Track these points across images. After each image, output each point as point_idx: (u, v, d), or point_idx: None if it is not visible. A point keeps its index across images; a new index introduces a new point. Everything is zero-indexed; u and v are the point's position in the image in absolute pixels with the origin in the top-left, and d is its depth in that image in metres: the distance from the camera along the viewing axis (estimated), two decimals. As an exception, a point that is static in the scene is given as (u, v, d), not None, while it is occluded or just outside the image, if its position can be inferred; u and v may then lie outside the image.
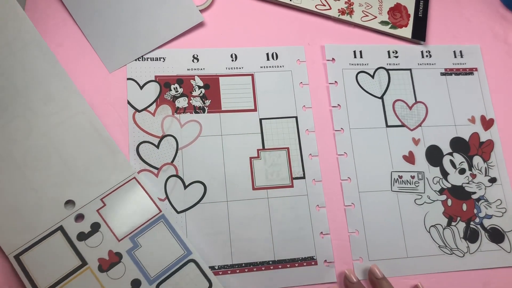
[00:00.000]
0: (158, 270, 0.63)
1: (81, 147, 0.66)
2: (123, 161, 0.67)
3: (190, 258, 0.64)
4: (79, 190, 0.65)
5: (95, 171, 0.66)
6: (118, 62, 0.73)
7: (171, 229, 0.65)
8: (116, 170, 0.67)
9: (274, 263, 0.67)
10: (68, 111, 0.67)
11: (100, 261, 0.63)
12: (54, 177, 0.65)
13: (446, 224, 0.73)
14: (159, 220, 0.65)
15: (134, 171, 0.67)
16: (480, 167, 0.76)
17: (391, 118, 0.77)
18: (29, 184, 0.64)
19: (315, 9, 0.79)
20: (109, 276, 0.62)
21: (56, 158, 0.65)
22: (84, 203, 0.65)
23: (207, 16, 0.77)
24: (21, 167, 0.64)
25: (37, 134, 0.65)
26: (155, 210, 0.66)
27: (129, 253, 0.63)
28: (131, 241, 0.64)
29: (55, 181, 0.64)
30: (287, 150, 0.73)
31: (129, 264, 0.63)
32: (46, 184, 0.64)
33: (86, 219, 0.64)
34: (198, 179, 0.69)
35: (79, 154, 0.66)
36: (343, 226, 0.71)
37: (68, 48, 0.72)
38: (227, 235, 0.68)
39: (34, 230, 0.63)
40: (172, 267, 0.64)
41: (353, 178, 0.73)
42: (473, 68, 0.82)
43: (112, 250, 0.63)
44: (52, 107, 0.66)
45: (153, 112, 0.71)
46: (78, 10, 0.73)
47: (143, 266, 0.63)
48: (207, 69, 0.74)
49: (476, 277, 0.71)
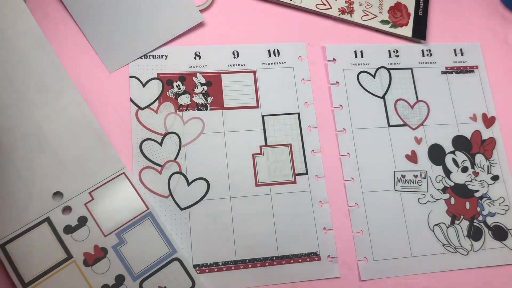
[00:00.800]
0: (143, 267, 0.63)
1: (72, 138, 0.66)
2: (113, 155, 0.67)
3: (175, 256, 0.64)
4: (68, 182, 0.65)
5: (85, 164, 0.66)
6: (118, 62, 0.73)
7: (158, 227, 0.65)
8: (106, 164, 0.66)
9: (278, 259, 0.67)
10: (61, 101, 0.66)
11: (86, 255, 0.63)
12: (44, 167, 0.64)
13: (450, 223, 0.73)
14: (146, 218, 0.65)
15: (123, 166, 0.67)
16: (483, 165, 0.76)
17: (393, 118, 0.77)
18: (18, 173, 0.63)
19: (316, 9, 0.79)
20: (94, 271, 0.62)
21: (46, 148, 0.65)
22: (72, 196, 0.64)
23: (207, 16, 0.78)
24: (10, 156, 0.63)
25: (28, 123, 0.65)
26: (143, 207, 0.66)
27: (115, 249, 0.63)
28: (117, 237, 0.64)
29: (44, 171, 0.64)
30: (290, 147, 0.73)
31: (114, 260, 0.63)
32: (35, 174, 0.64)
33: (74, 212, 0.64)
34: (201, 176, 0.69)
35: (70, 145, 0.66)
36: (347, 226, 0.71)
37: (68, 48, 0.73)
38: (231, 231, 0.68)
39: (21, 220, 0.62)
40: (156, 264, 0.64)
41: (356, 179, 0.73)
42: (474, 66, 0.82)
43: (98, 245, 0.63)
44: (45, 96, 0.66)
45: (156, 109, 0.71)
46: (78, 10, 0.74)
47: (128, 262, 0.63)
48: (209, 66, 0.75)
49: (480, 275, 0.71)
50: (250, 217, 0.69)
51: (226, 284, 0.65)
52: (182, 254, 0.65)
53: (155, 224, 0.65)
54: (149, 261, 0.64)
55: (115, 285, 0.62)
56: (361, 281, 0.68)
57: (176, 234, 0.66)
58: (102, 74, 0.72)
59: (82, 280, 0.61)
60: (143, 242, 0.64)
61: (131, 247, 0.64)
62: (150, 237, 0.65)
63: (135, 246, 0.64)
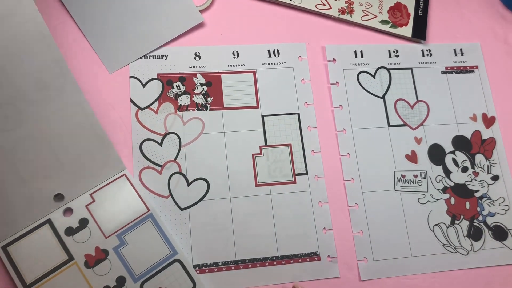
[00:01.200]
0: (144, 268, 0.63)
1: (73, 139, 0.65)
2: (114, 156, 0.67)
3: (176, 258, 0.65)
4: (69, 183, 0.64)
5: (86, 165, 0.65)
6: (118, 63, 0.73)
7: (158, 229, 0.65)
8: (107, 165, 0.66)
9: (278, 259, 0.67)
10: (62, 100, 0.64)
11: (87, 257, 0.63)
12: (44, 169, 0.64)
13: (450, 223, 0.73)
14: (147, 219, 0.65)
15: (124, 167, 0.67)
16: (483, 165, 0.76)
17: (393, 118, 0.77)
18: (18, 175, 0.63)
19: (315, 9, 0.79)
20: (95, 273, 0.62)
21: (47, 149, 0.64)
22: (73, 197, 0.65)
23: (207, 16, 0.78)
24: (10, 157, 0.62)
25: (28, 123, 0.63)
26: (143, 208, 0.66)
27: (116, 251, 0.64)
28: (118, 238, 0.64)
29: (45, 173, 0.64)
30: (290, 147, 0.73)
31: (115, 261, 0.63)
32: (36, 175, 0.63)
33: (75, 214, 0.64)
34: (201, 176, 0.69)
35: (71, 146, 0.65)
36: (347, 226, 0.71)
37: (68, 48, 0.73)
38: (231, 231, 0.68)
39: (22, 222, 0.62)
40: (157, 266, 0.64)
41: (356, 179, 0.73)
42: (474, 66, 0.82)
43: (99, 247, 0.63)
44: (45, 94, 0.63)
45: (156, 110, 0.71)
46: (78, 10, 0.74)
47: (129, 263, 0.63)
48: (209, 67, 0.75)
49: (480, 275, 0.71)
50: (250, 217, 0.69)
51: (226, 284, 0.65)
52: (182, 255, 0.65)
53: (155, 226, 0.65)
54: (150, 263, 0.64)
55: (116, 286, 0.62)
56: (361, 281, 0.68)
57: (176, 235, 0.66)
58: (102, 74, 0.72)
59: (83, 282, 0.61)
60: (144, 243, 0.64)
61: (132, 249, 0.64)
62: (151, 238, 0.65)
63: (136, 247, 0.64)
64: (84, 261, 0.62)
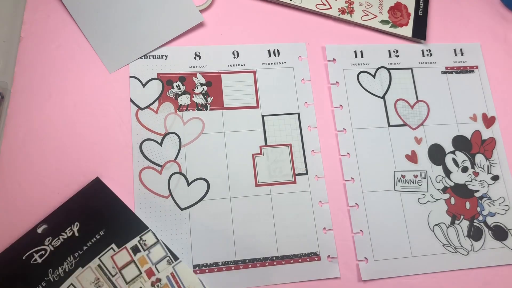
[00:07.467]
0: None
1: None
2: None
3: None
4: None
5: None
6: (118, 62, 0.73)
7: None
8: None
9: (278, 259, 0.67)
10: None
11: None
12: None
13: (450, 223, 0.73)
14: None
15: None
16: (483, 165, 0.76)
17: (393, 118, 0.77)
18: None
19: (315, 9, 0.79)
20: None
21: None
22: None
23: (207, 16, 0.78)
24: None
25: None
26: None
27: None
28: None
29: None
30: (290, 147, 0.73)
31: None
32: None
33: None
34: (201, 176, 0.69)
35: None
36: (347, 226, 0.71)
37: (68, 48, 0.73)
38: (231, 231, 0.68)
39: None
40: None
41: (356, 179, 0.73)
42: (474, 66, 0.82)
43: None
44: None
45: (155, 109, 0.71)
46: (78, 10, 0.74)
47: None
48: (209, 67, 0.75)
49: (480, 275, 0.71)
50: (250, 217, 0.69)
51: (226, 284, 0.65)
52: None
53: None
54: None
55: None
56: (361, 281, 0.68)
57: (176, 234, 0.66)
58: (102, 74, 0.72)
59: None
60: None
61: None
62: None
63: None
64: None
